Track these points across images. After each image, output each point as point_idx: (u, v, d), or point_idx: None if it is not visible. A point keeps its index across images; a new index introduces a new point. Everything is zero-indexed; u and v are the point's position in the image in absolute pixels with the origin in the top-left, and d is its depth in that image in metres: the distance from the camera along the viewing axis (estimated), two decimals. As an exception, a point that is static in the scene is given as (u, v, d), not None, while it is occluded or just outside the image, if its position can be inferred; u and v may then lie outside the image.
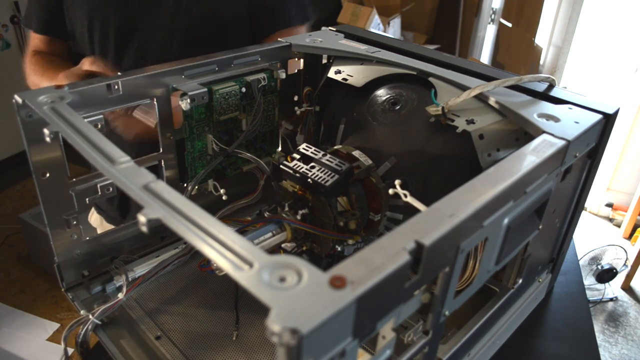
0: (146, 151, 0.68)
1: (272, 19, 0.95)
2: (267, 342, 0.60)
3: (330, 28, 0.83)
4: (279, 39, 0.77)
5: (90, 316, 0.59)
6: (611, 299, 2.08)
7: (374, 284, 0.30)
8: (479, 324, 0.56)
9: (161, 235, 0.73)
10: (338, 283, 0.29)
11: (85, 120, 0.49)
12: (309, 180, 0.58)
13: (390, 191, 0.55)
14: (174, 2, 0.87)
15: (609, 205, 2.57)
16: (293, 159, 0.61)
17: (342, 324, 0.29)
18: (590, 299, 2.06)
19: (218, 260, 0.32)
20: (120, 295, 0.61)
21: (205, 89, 0.65)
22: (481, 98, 0.60)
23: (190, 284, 0.70)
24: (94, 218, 1.05)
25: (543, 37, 2.46)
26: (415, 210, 0.45)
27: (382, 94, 0.66)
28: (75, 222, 0.61)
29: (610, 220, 2.56)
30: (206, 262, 0.60)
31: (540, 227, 0.53)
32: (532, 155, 0.46)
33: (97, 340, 0.61)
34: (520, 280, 0.61)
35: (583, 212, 0.68)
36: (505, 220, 0.44)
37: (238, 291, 0.66)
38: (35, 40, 0.94)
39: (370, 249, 0.33)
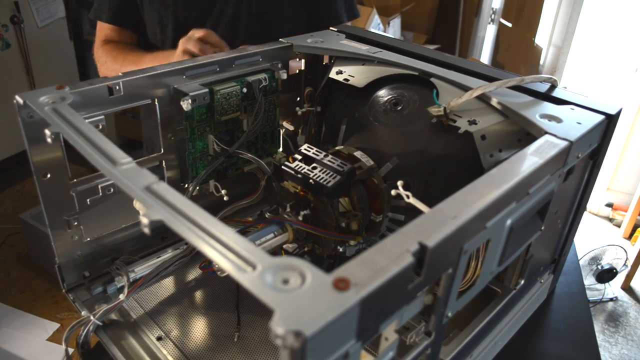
0: None
1: (321, 17, 1.00)
2: (269, 344, 0.60)
3: (331, 28, 0.82)
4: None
5: (92, 317, 0.59)
6: (611, 299, 2.08)
7: (377, 285, 0.30)
8: (482, 325, 0.56)
9: (162, 235, 0.73)
10: (342, 285, 0.29)
11: (87, 120, 0.48)
12: (311, 181, 0.58)
13: (393, 192, 0.55)
14: (235, 2, 0.92)
15: (609, 205, 2.57)
16: (295, 159, 0.61)
17: (346, 326, 0.29)
18: (590, 299, 2.06)
19: (220, 262, 0.32)
20: (122, 297, 0.61)
21: (207, 90, 0.65)
22: (483, 99, 0.60)
23: (191, 285, 0.70)
24: None
25: (543, 37, 2.46)
26: (417, 211, 0.45)
27: (383, 94, 0.66)
28: (76, 223, 0.61)
29: (610, 220, 2.56)
30: (207, 263, 0.60)
31: (543, 228, 0.53)
32: (534, 156, 0.46)
33: (97, 340, 0.61)
34: (523, 281, 0.61)
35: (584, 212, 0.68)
36: (508, 222, 0.44)
37: (239, 292, 0.66)
38: (106, 30, 0.99)
39: (374, 250, 0.33)
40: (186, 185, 0.71)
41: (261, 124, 0.75)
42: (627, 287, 2.14)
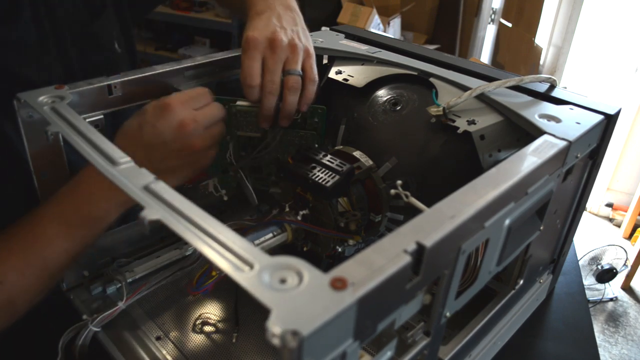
0: None
1: None
2: (267, 344, 0.60)
3: (330, 28, 0.82)
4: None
5: (90, 325, 0.58)
6: (611, 299, 2.08)
7: (375, 285, 0.30)
8: (480, 324, 0.56)
9: (161, 235, 0.73)
10: (339, 284, 0.29)
11: (86, 120, 0.49)
12: (310, 181, 0.58)
13: (392, 192, 0.55)
14: None
15: (609, 205, 2.57)
16: (293, 159, 0.61)
17: (343, 326, 0.29)
18: (590, 299, 2.06)
19: (218, 262, 0.32)
20: (120, 304, 0.60)
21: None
22: (482, 98, 0.60)
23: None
24: None
25: (543, 37, 2.46)
26: (416, 211, 0.45)
27: (383, 94, 0.66)
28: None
29: (610, 220, 2.56)
30: (194, 284, 0.56)
31: (542, 228, 0.53)
32: (533, 156, 0.46)
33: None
34: (522, 281, 0.60)
35: (583, 212, 0.68)
36: (507, 221, 0.44)
37: (238, 292, 0.66)
38: None
39: (371, 250, 0.33)
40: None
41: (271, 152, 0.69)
42: (627, 287, 2.14)
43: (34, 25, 0.61)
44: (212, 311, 0.65)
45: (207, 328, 0.63)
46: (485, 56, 2.67)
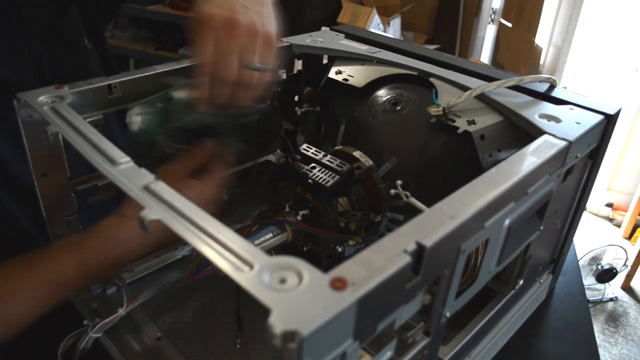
0: None
1: None
2: (267, 344, 0.60)
3: (330, 28, 0.82)
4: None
5: (90, 332, 0.58)
6: (611, 299, 2.08)
7: (374, 285, 0.30)
8: (480, 324, 0.56)
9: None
10: (339, 284, 0.29)
11: (86, 120, 0.49)
12: (310, 180, 0.58)
13: (392, 192, 0.55)
14: None
15: (609, 205, 2.57)
16: (294, 159, 0.61)
17: (343, 326, 0.29)
18: (590, 299, 2.06)
19: (218, 262, 0.32)
20: (120, 310, 0.60)
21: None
22: (482, 98, 0.60)
23: (191, 285, 0.70)
24: None
25: (543, 37, 2.46)
26: (416, 211, 0.45)
27: (383, 94, 0.66)
28: (75, 223, 0.61)
29: (610, 220, 2.56)
30: (195, 268, 0.56)
31: (542, 228, 0.53)
32: (533, 156, 0.46)
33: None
34: (522, 281, 0.60)
35: (583, 212, 0.68)
36: (507, 221, 0.44)
37: (240, 292, 0.66)
38: None
39: (371, 250, 0.33)
40: None
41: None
42: (627, 287, 2.14)
43: (1, 24, 0.61)
44: (212, 311, 0.65)
45: (207, 328, 0.63)
46: (485, 56, 2.67)
